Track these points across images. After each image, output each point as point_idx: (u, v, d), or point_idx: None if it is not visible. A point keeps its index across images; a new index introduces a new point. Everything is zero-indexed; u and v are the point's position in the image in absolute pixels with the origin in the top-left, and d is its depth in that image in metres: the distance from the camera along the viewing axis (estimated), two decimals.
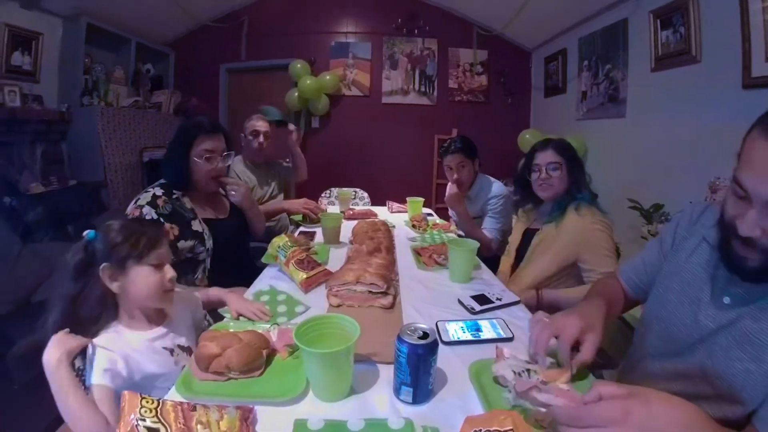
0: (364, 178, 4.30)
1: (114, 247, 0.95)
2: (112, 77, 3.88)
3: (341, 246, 1.91)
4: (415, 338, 0.79)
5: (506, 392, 0.79)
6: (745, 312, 0.78)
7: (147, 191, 1.51)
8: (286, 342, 0.97)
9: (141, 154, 3.90)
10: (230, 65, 4.86)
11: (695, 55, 2.35)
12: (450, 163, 2.42)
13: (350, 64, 4.67)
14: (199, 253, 1.54)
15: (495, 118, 4.69)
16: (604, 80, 3.31)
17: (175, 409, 0.66)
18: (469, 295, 1.33)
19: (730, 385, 0.78)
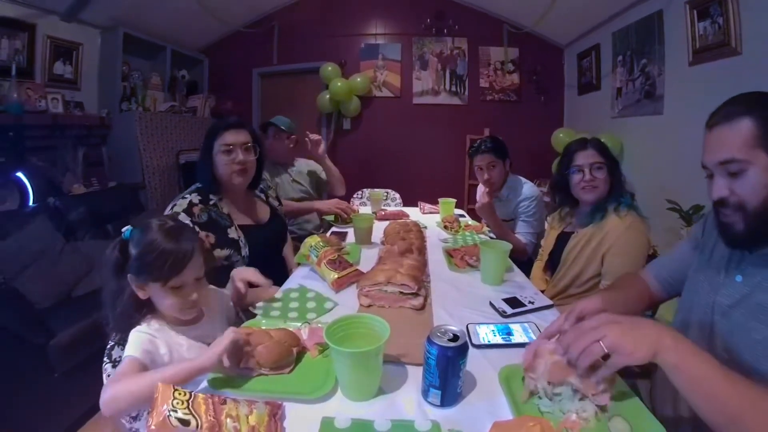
0: (396, 178, 4.32)
1: (137, 260, 0.95)
2: (149, 83, 4.05)
3: (373, 246, 1.91)
4: (445, 340, 0.78)
5: (537, 398, 0.78)
6: (756, 285, 0.84)
7: (184, 197, 1.52)
8: (316, 340, 0.98)
9: (177, 157, 4.04)
10: (262, 69, 4.97)
11: (735, 46, 2.24)
12: (480, 162, 2.39)
13: (380, 66, 4.69)
14: (235, 261, 1.54)
15: (527, 117, 4.61)
16: (640, 76, 3.20)
17: (206, 402, 0.67)
18: (501, 297, 1.31)
19: (752, 357, 0.82)
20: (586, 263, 1.56)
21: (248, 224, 1.65)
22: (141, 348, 0.90)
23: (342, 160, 4.41)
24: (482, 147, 2.37)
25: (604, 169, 1.58)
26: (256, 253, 1.60)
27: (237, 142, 1.57)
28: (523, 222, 2.32)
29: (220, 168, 1.57)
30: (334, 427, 0.71)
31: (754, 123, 0.78)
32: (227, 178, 1.58)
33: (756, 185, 0.79)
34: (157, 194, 3.81)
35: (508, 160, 2.41)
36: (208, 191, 1.58)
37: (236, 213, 1.63)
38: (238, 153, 1.57)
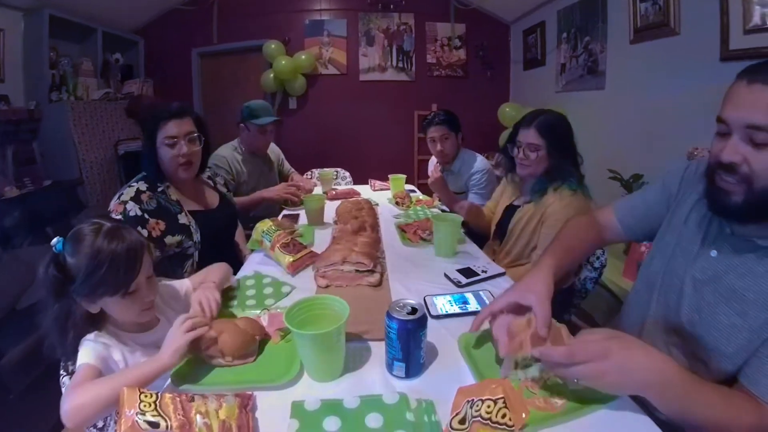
0: (345, 157, 4.29)
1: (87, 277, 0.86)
2: (80, 70, 3.74)
3: (326, 227, 1.91)
4: (404, 314, 0.80)
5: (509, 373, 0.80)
6: (730, 267, 0.81)
7: (131, 185, 1.47)
8: (277, 326, 0.98)
9: (116, 148, 3.82)
10: (202, 49, 4.73)
11: (674, 27, 2.36)
12: (433, 134, 2.43)
13: (326, 42, 4.58)
14: (187, 248, 1.52)
15: (474, 92, 4.68)
16: (583, 53, 3.32)
17: (173, 401, 0.66)
18: (455, 268, 1.36)
19: (716, 339, 0.82)
20: (531, 237, 1.61)
21: (198, 210, 1.62)
22: (95, 355, 0.86)
23: (289, 140, 4.30)
24: (436, 119, 2.41)
25: (540, 152, 1.57)
26: (208, 238, 1.58)
27: (180, 134, 1.50)
28: (474, 194, 2.39)
29: (165, 160, 1.51)
30: (305, 410, 0.72)
31: None
32: (173, 171, 1.53)
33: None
34: (97, 189, 3.59)
35: (460, 133, 2.46)
36: (155, 180, 1.52)
37: (185, 199, 1.58)
38: (182, 145, 1.50)
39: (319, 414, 0.71)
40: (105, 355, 0.89)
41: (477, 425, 0.61)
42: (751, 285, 0.78)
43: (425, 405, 0.73)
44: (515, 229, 1.66)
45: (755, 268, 0.78)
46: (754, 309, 0.76)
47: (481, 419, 0.61)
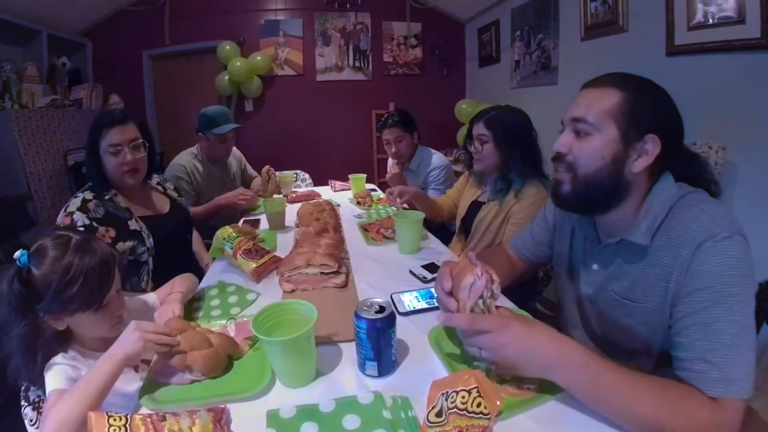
0: (304, 159, 4.26)
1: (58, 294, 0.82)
2: (24, 75, 3.48)
3: (288, 230, 1.89)
4: (372, 313, 0.81)
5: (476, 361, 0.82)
6: (610, 275, 0.90)
7: (76, 196, 1.41)
8: (244, 335, 0.96)
9: (65, 158, 3.59)
10: (154, 51, 4.53)
11: (622, 24, 2.47)
12: (387, 137, 2.46)
13: (281, 43, 4.50)
14: (140, 254, 1.46)
15: (431, 89, 4.73)
16: (536, 50, 3.41)
17: (144, 423, 0.64)
18: (419, 264, 1.37)
19: (620, 340, 0.90)
20: (496, 234, 1.64)
21: (148, 215, 1.57)
22: (64, 377, 0.82)
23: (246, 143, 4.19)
24: (389, 121, 2.43)
25: (489, 144, 1.60)
26: (161, 243, 1.53)
27: (124, 141, 1.45)
28: (433, 190, 2.44)
29: (110, 169, 1.46)
30: (281, 418, 0.71)
31: (620, 97, 0.80)
32: (118, 179, 1.48)
33: (593, 153, 0.81)
34: (47, 203, 3.37)
35: (416, 132, 2.48)
36: (101, 189, 1.46)
37: (134, 206, 1.53)
38: (126, 153, 1.45)
39: (296, 421, 0.71)
40: (74, 376, 0.84)
41: (454, 416, 0.62)
42: (627, 286, 0.86)
43: (401, 401, 0.74)
44: (480, 226, 1.69)
45: (628, 270, 0.86)
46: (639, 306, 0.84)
47: (457, 410, 0.62)
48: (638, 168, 0.81)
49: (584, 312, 1.01)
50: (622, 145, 0.80)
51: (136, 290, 1.41)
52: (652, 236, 0.80)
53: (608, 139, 0.80)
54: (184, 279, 1.21)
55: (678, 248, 0.76)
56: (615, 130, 0.80)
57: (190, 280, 1.22)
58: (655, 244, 0.80)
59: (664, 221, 0.80)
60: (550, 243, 1.16)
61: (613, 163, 0.81)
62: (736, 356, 0.66)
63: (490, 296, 0.76)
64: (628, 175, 0.82)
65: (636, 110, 0.79)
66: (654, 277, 0.80)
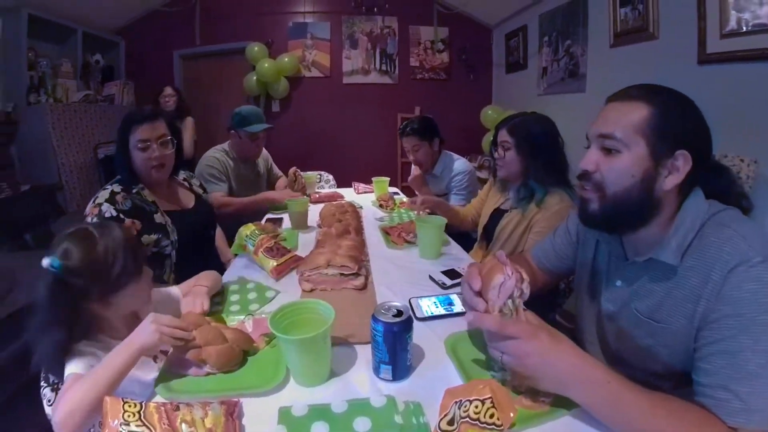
0: (329, 160, 4.28)
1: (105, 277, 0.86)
2: (59, 71, 3.63)
3: (310, 230, 1.90)
4: (389, 317, 0.80)
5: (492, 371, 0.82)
6: (634, 293, 0.86)
7: (105, 189, 1.46)
8: (261, 332, 0.97)
9: (96, 151, 3.72)
10: (184, 51, 4.67)
11: (653, 31, 2.42)
12: (406, 145, 2.49)
13: (309, 45, 4.57)
14: (164, 247, 1.51)
15: (457, 95, 4.71)
16: (564, 56, 3.37)
17: (158, 411, 0.65)
18: (439, 270, 1.36)
19: (638, 361, 0.87)
20: (518, 243, 1.61)
21: (173, 209, 1.61)
22: (83, 363, 0.84)
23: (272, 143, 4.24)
24: (407, 129, 2.44)
25: (511, 150, 1.58)
26: (185, 237, 1.57)
27: (152, 137, 1.50)
28: (455, 195, 2.42)
29: (138, 163, 1.51)
30: (292, 416, 0.72)
31: (649, 111, 0.77)
32: (146, 173, 1.53)
33: (623, 171, 0.78)
34: (77, 194, 3.50)
35: (436, 139, 2.48)
36: (129, 182, 1.52)
37: (160, 200, 1.58)
38: (154, 149, 1.51)
39: (307, 420, 0.71)
40: (93, 363, 0.86)
41: (466, 426, 0.61)
42: (651, 305, 0.83)
43: (413, 407, 0.73)
44: (502, 234, 1.67)
45: (654, 289, 0.83)
46: (662, 327, 0.80)
47: (469, 420, 0.61)
48: (669, 186, 0.78)
49: (603, 329, 0.98)
50: (652, 163, 0.77)
51: (158, 283, 1.44)
52: (682, 255, 0.78)
53: (638, 157, 0.77)
54: (209, 275, 1.24)
55: (709, 271, 0.73)
56: (644, 147, 0.77)
57: (215, 276, 1.25)
58: (684, 265, 0.77)
59: (695, 240, 0.77)
60: (573, 255, 1.13)
61: (643, 182, 0.78)
62: (760, 387, 0.64)
63: (520, 296, 0.75)
64: (659, 193, 0.79)
65: (666, 125, 0.76)
66: (681, 298, 0.77)
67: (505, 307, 0.75)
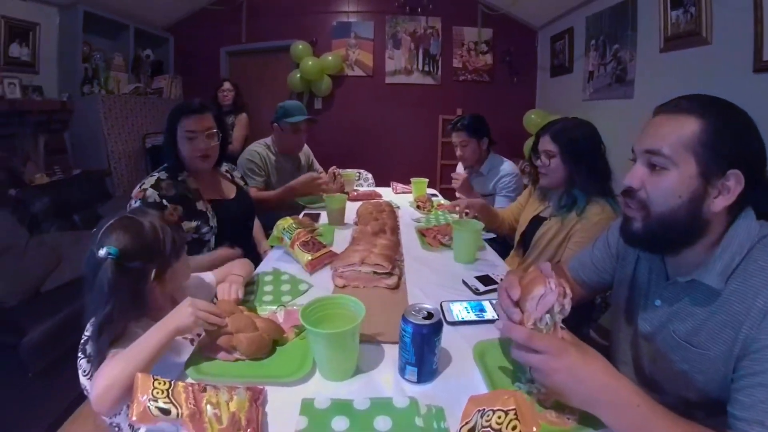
0: (368, 159, 4.31)
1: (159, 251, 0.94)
2: (111, 64, 3.86)
3: (346, 227, 1.93)
4: (419, 318, 0.80)
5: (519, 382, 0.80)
6: (672, 314, 0.82)
7: (152, 175, 1.55)
8: (292, 323, 0.99)
9: (144, 141, 3.92)
10: (230, 48, 4.82)
11: (706, 36, 2.30)
12: (454, 140, 2.50)
13: (352, 44, 4.62)
14: (204, 233, 1.58)
15: (500, 97, 4.64)
16: (612, 60, 3.26)
17: (186, 390, 0.67)
18: (473, 275, 1.35)
19: (673, 387, 0.83)
20: (556, 251, 1.57)
21: (215, 198, 1.69)
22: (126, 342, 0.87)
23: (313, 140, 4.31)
24: (457, 125, 2.46)
25: (556, 158, 1.54)
26: (225, 226, 1.64)
27: (199, 129, 1.58)
28: (504, 197, 2.40)
29: (184, 152, 1.60)
30: (314, 408, 0.73)
31: (700, 126, 0.72)
32: (191, 162, 1.61)
33: (669, 191, 0.75)
34: (124, 180, 3.69)
35: (485, 138, 2.47)
36: (175, 170, 1.60)
37: (203, 189, 1.65)
38: (200, 140, 1.58)
39: (329, 413, 0.72)
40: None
41: None
42: (690, 328, 0.78)
43: (435, 411, 0.72)
44: (540, 242, 1.63)
45: (694, 311, 0.78)
46: (699, 353, 0.76)
47: (491, 430, 0.60)
48: (718, 207, 0.73)
49: (638, 349, 0.94)
50: (701, 182, 0.73)
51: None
52: (727, 279, 0.73)
53: (686, 175, 0.73)
54: (243, 264, 1.28)
55: (754, 297, 0.68)
56: (694, 165, 0.72)
57: (248, 265, 1.30)
58: (728, 288, 0.73)
59: (741, 263, 0.72)
60: (611, 269, 1.09)
61: (691, 202, 0.74)
62: None
63: (560, 311, 0.72)
64: (706, 215, 0.74)
65: (718, 142, 0.71)
66: (722, 323, 0.73)
67: (541, 321, 0.73)
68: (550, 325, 0.72)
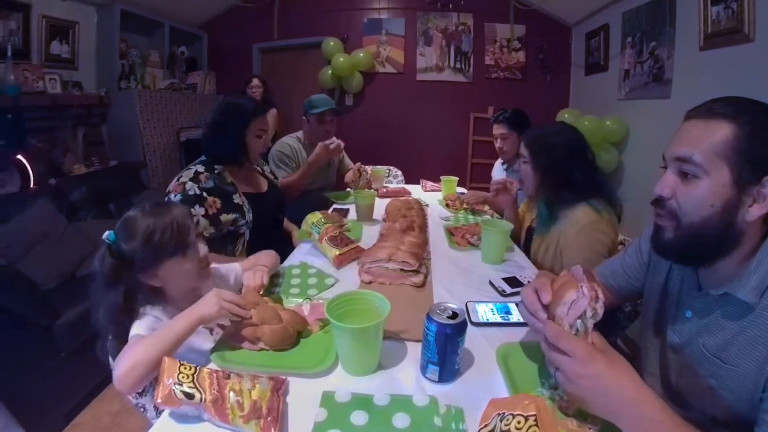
0: (398, 156, 4.30)
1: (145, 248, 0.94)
2: (147, 61, 3.99)
3: (374, 223, 1.94)
4: (444, 318, 0.80)
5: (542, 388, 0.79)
6: (703, 326, 0.80)
7: (189, 169, 1.59)
8: (317, 316, 1.01)
9: (178, 135, 4.04)
10: (262, 45, 4.90)
11: (748, 33, 2.19)
12: (495, 132, 2.53)
13: (384, 41, 4.62)
14: (240, 226, 1.62)
15: (533, 96, 4.53)
16: (649, 58, 3.13)
17: (210, 377, 0.70)
18: (500, 277, 1.33)
19: (700, 403, 0.81)
20: (552, 263, 1.51)
21: (250, 192, 1.74)
22: (147, 326, 0.92)
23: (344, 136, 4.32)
24: (499, 117, 2.51)
25: (527, 165, 1.51)
26: (259, 218, 1.70)
27: (266, 128, 1.72)
28: None
29: (253, 150, 1.70)
30: (335, 401, 0.74)
31: (734, 131, 0.69)
32: (254, 157, 1.73)
33: (701, 200, 0.72)
34: (158, 172, 3.82)
35: None
36: (215, 162, 1.64)
37: (238, 182, 1.70)
38: (265, 138, 1.74)
39: (348, 407, 0.72)
40: (156, 326, 0.94)
41: None
42: (720, 342, 0.75)
43: (454, 412, 0.72)
44: (536, 255, 1.60)
45: (725, 325, 0.75)
46: (728, 369, 0.73)
47: None
48: (753, 216, 0.70)
49: (666, 361, 0.91)
50: (735, 191, 0.70)
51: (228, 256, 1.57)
52: (761, 293, 0.70)
53: (719, 184, 0.70)
54: (269, 255, 1.31)
55: None
56: (727, 173, 0.69)
57: (274, 257, 1.33)
58: (763, 303, 0.70)
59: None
60: (642, 277, 1.06)
61: (724, 212, 0.71)
62: None
63: (592, 316, 0.71)
64: (740, 225, 0.71)
65: (752, 148, 0.68)
66: (753, 339, 0.70)
67: (573, 327, 0.71)
68: (581, 331, 0.71)
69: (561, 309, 0.73)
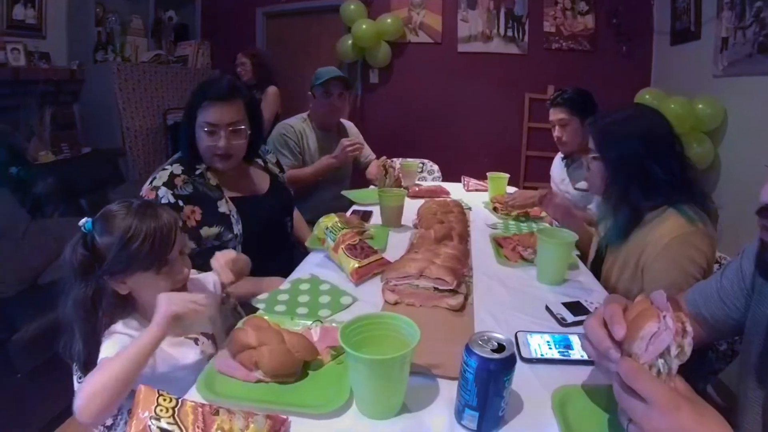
0: (435, 146, 4.33)
1: (119, 253, 0.98)
2: (128, 28, 4.12)
3: (403, 230, 1.95)
4: (487, 350, 0.79)
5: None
6: None
7: (164, 168, 1.58)
8: (329, 343, 1.01)
9: (164, 117, 4.15)
10: (269, 9, 5.00)
11: None
12: (552, 117, 2.50)
13: (417, 4, 4.64)
14: (226, 241, 1.60)
15: (604, 72, 4.47)
16: (753, 23, 3.04)
17: (194, 411, 0.70)
18: (560, 301, 1.32)
19: None
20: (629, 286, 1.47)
21: (241, 196, 1.70)
22: (118, 347, 0.95)
23: (367, 121, 4.37)
24: (557, 99, 2.47)
25: (597, 161, 1.50)
26: (252, 229, 1.65)
27: (222, 123, 1.57)
28: None
29: (201, 146, 1.61)
30: None
31: None
32: (208, 159, 1.62)
33: None
34: (140, 162, 3.93)
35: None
36: (192, 161, 1.62)
37: (227, 184, 1.67)
38: (221, 136, 1.57)
39: None
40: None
41: None
42: None
43: None
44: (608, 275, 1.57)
45: None
46: None
47: None
48: None
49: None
50: None
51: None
52: None
53: None
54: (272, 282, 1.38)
55: None
56: None
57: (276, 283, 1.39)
58: None
59: None
60: (743, 307, 1.03)
61: None
62: None
63: (678, 355, 0.69)
64: None
65: None
66: None
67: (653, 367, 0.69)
68: (663, 373, 0.69)
69: (638, 345, 0.71)
